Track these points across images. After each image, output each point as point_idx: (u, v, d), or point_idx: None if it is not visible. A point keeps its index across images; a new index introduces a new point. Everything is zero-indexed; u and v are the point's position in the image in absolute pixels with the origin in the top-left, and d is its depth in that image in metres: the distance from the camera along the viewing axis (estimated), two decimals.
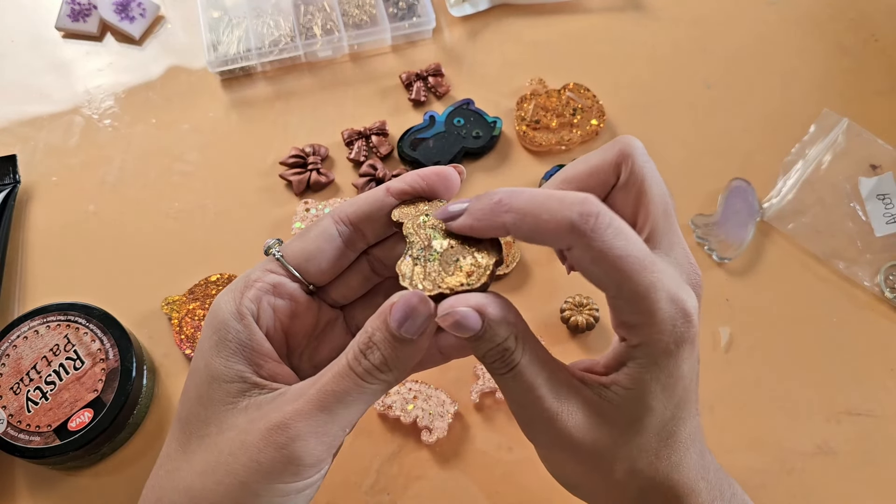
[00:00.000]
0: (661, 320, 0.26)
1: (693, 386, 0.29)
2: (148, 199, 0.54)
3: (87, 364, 0.43)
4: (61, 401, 0.42)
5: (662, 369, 0.27)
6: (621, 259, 0.25)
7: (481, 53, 0.60)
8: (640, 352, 0.27)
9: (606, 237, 0.25)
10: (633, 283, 0.26)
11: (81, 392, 0.42)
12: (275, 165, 0.55)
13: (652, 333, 0.26)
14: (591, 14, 0.63)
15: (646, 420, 0.28)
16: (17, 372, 0.43)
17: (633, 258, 0.26)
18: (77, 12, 0.61)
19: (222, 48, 0.58)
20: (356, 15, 0.60)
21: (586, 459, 0.28)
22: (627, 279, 0.26)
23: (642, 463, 0.28)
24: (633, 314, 0.27)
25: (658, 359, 0.27)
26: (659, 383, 0.27)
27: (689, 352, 0.27)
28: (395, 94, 0.58)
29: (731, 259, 0.50)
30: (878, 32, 0.61)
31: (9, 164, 0.54)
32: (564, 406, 0.28)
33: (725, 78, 0.59)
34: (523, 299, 0.50)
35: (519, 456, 0.45)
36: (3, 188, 0.53)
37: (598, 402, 0.28)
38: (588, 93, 0.57)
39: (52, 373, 0.43)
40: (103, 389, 0.42)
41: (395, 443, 0.45)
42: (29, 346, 0.43)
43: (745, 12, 0.63)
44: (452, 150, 0.54)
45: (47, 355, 0.43)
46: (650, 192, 0.29)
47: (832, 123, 0.54)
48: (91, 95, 0.59)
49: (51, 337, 0.44)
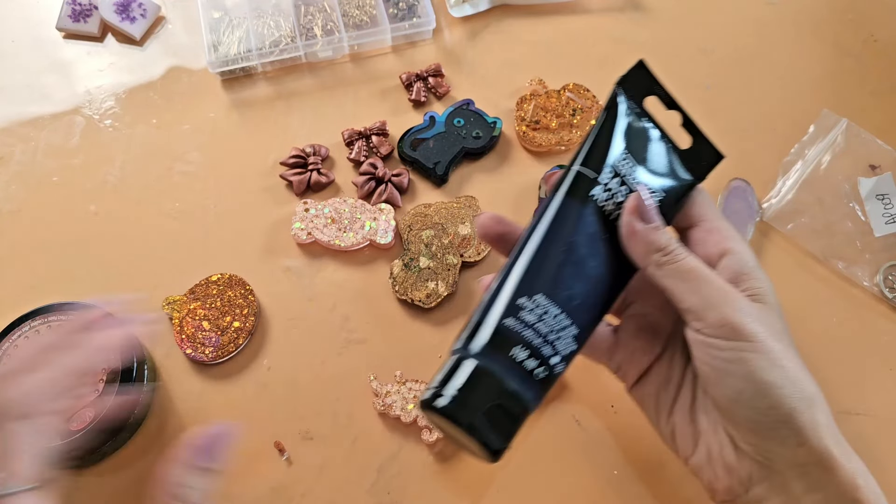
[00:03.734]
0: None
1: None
2: (149, 199, 0.54)
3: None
4: None
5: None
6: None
7: (481, 54, 0.61)
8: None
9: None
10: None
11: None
12: (275, 166, 0.55)
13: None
14: (591, 14, 0.63)
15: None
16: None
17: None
18: (78, 13, 0.61)
19: (223, 49, 0.58)
20: (356, 15, 0.60)
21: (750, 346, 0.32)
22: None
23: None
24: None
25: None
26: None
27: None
28: (395, 95, 0.59)
29: None
30: (878, 32, 0.61)
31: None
32: (733, 290, 0.33)
33: (725, 78, 0.59)
34: None
35: (519, 455, 0.45)
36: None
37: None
38: (588, 93, 0.57)
39: None
40: (104, 390, 0.42)
41: (395, 442, 0.45)
42: (30, 347, 0.43)
43: (744, 12, 0.63)
44: (452, 151, 0.54)
45: None
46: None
47: (831, 124, 0.54)
48: (92, 96, 0.59)
49: (52, 337, 0.43)
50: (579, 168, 0.35)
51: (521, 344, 0.32)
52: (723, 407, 0.33)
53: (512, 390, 0.31)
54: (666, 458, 0.45)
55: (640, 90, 0.38)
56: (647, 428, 0.46)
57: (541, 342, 0.32)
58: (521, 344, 0.32)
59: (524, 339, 0.32)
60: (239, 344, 0.48)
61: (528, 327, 0.32)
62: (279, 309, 0.50)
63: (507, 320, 0.32)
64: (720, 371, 0.33)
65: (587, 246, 0.34)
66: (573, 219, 0.34)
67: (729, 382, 0.32)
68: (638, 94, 0.38)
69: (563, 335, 0.33)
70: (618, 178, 0.35)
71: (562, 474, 0.45)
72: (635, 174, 0.35)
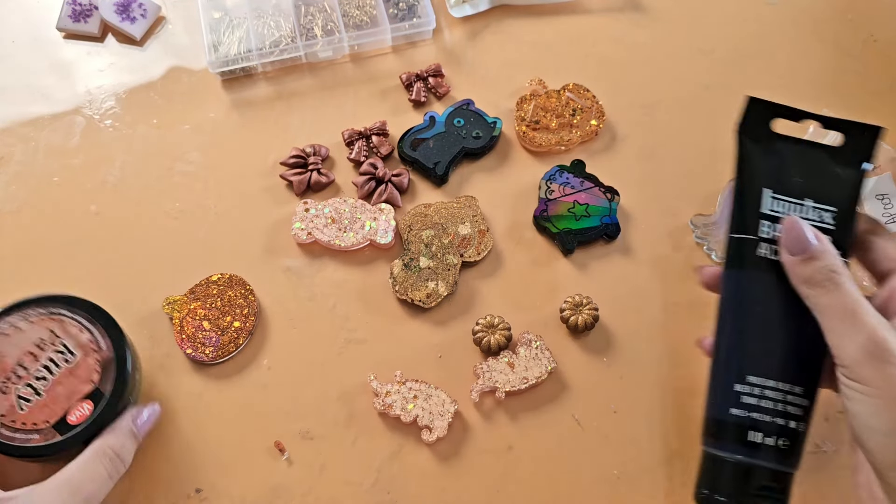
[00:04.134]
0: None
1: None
2: (149, 199, 0.54)
3: (78, 356, 0.42)
4: (56, 395, 0.41)
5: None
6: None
7: (481, 54, 0.61)
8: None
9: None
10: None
11: (77, 384, 0.41)
12: (275, 166, 0.55)
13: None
14: (591, 14, 0.63)
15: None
16: (1, 370, 0.41)
17: None
18: (78, 13, 0.61)
19: (223, 49, 0.58)
20: (356, 16, 0.60)
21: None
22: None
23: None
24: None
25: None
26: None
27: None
28: (395, 95, 0.59)
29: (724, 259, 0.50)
30: (877, 32, 0.61)
31: None
32: (881, 320, 0.33)
33: (724, 78, 0.59)
34: (523, 299, 0.50)
35: (519, 455, 0.45)
36: None
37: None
38: (588, 93, 0.57)
39: (41, 368, 0.41)
40: (101, 380, 0.42)
41: (395, 442, 0.45)
42: (10, 343, 0.42)
43: (744, 13, 0.63)
44: (452, 151, 0.55)
45: (33, 350, 0.42)
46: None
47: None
48: (92, 96, 0.59)
49: (33, 331, 0.42)
50: (734, 236, 0.37)
51: (753, 428, 0.35)
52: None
53: (765, 468, 0.34)
54: (665, 458, 0.45)
55: (760, 123, 0.39)
56: (646, 428, 0.46)
57: (770, 418, 0.35)
58: (753, 428, 0.35)
59: (754, 421, 0.35)
60: (239, 344, 0.48)
61: (754, 409, 0.35)
62: (279, 309, 0.50)
63: (733, 410, 0.35)
64: (857, 417, 0.33)
65: (773, 306, 0.36)
66: (748, 288, 0.36)
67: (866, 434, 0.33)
68: (761, 127, 0.39)
69: (790, 399, 0.35)
70: (776, 222, 0.36)
71: (562, 474, 0.45)
72: (794, 206, 0.37)
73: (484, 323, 0.47)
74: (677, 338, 0.49)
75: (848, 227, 0.36)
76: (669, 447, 0.45)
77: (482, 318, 0.48)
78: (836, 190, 0.37)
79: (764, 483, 0.34)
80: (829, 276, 0.34)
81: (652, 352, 0.48)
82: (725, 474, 0.35)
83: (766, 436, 0.34)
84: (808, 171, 0.37)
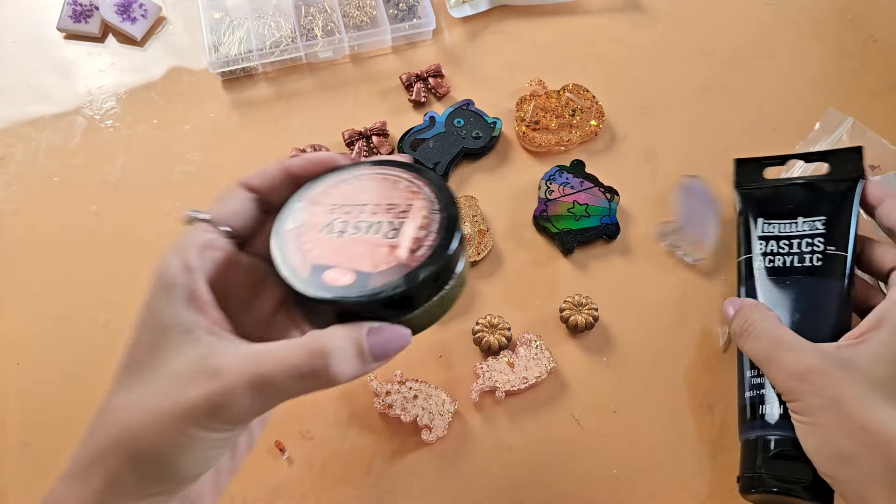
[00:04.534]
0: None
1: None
2: (150, 199, 0.54)
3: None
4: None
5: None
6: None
7: (481, 54, 0.61)
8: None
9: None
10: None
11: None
12: None
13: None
14: (590, 15, 0.63)
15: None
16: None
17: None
18: (79, 13, 0.61)
19: (223, 49, 0.58)
20: (357, 16, 0.60)
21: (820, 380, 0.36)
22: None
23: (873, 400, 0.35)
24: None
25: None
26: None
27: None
28: (395, 95, 0.59)
29: (705, 258, 0.50)
30: (877, 32, 0.61)
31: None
32: (803, 349, 0.38)
33: (724, 79, 0.59)
34: (523, 299, 0.50)
35: (519, 455, 0.45)
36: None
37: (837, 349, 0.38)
38: (587, 93, 0.57)
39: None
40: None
41: (395, 442, 0.45)
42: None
43: (743, 13, 0.63)
44: (452, 151, 0.55)
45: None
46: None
47: (837, 122, 0.54)
48: (93, 96, 0.59)
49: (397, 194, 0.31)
50: (742, 258, 0.47)
51: (762, 403, 0.41)
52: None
53: (782, 437, 0.40)
54: (665, 458, 0.45)
55: (751, 175, 0.49)
56: (646, 428, 0.46)
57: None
58: (762, 403, 0.41)
59: (762, 398, 0.41)
60: None
61: (761, 387, 0.42)
62: None
63: (746, 393, 0.43)
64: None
65: (778, 305, 0.44)
66: (757, 293, 0.45)
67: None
68: (753, 178, 0.49)
69: None
70: (769, 241, 0.46)
71: (562, 474, 0.45)
72: (786, 225, 0.46)
73: (484, 323, 0.47)
74: (677, 337, 0.49)
75: (839, 228, 0.44)
76: (670, 447, 0.45)
77: (482, 318, 0.48)
78: (823, 205, 0.45)
79: (785, 450, 0.39)
80: (745, 327, 0.42)
81: (652, 351, 0.48)
82: (758, 452, 0.40)
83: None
84: (798, 199, 0.46)
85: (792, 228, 0.45)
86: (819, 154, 0.48)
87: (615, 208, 0.52)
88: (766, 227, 0.46)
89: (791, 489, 0.38)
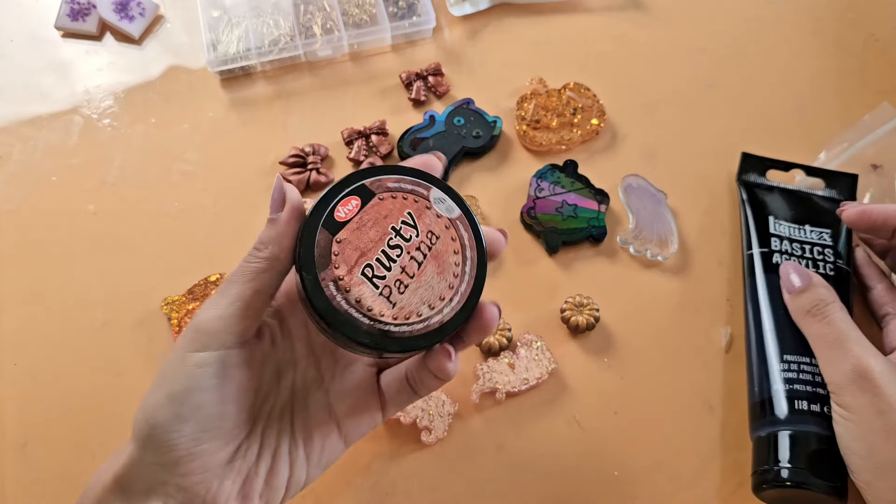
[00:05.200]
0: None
1: None
2: (148, 198, 0.54)
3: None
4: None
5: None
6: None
7: (481, 53, 0.60)
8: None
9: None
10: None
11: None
12: (275, 165, 0.55)
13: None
14: (591, 14, 0.63)
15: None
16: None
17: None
18: (76, 12, 0.61)
19: (222, 48, 0.58)
20: (356, 14, 0.60)
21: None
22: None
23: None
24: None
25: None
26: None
27: None
28: (395, 94, 0.58)
29: (673, 252, 0.51)
30: (878, 32, 0.61)
31: None
32: (867, 349, 0.38)
33: (725, 78, 0.59)
34: (523, 299, 0.50)
35: (519, 456, 0.45)
36: None
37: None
38: (588, 92, 0.57)
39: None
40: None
41: (395, 443, 0.45)
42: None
43: (744, 12, 0.63)
44: (452, 150, 0.54)
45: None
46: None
47: (888, 116, 0.54)
48: (90, 95, 0.59)
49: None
50: (756, 251, 0.47)
51: (798, 398, 0.41)
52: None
53: (817, 434, 0.40)
54: (665, 458, 0.45)
55: (756, 172, 0.52)
56: (646, 428, 0.46)
57: (811, 387, 0.41)
58: (798, 398, 0.41)
59: (798, 392, 0.41)
60: None
61: (795, 382, 0.42)
62: None
63: (775, 386, 0.42)
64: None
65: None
66: (774, 286, 0.45)
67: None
68: (757, 175, 0.52)
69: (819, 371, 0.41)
70: (783, 239, 0.47)
71: (563, 475, 0.44)
72: (795, 229, 0.48)
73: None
74: (678, 337, 0.48)
75: (843, 244, 0.47)
76: (670, 447, 0.45)
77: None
78: (826, 218, 0.48)
79: (818, 449, 0.39)
80: (818, 307, 0.41)
81: (653, 352, 0.48)
82: (789, 447, 0.40)
83: (811, 403, 0.40)
84: (801, 207, 0.49)
85: (801, 234, 0.47)
86: (817, 171, 0.51)
87: (603, 217, 0.52)
88: (778, 226, 0.48)
89: (807, 484, 0.39)
